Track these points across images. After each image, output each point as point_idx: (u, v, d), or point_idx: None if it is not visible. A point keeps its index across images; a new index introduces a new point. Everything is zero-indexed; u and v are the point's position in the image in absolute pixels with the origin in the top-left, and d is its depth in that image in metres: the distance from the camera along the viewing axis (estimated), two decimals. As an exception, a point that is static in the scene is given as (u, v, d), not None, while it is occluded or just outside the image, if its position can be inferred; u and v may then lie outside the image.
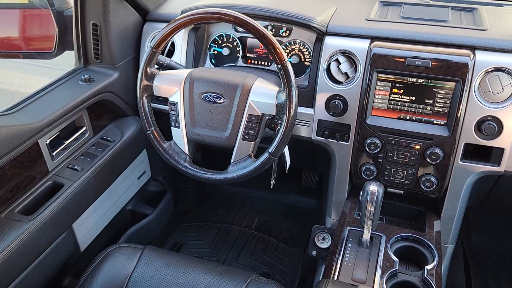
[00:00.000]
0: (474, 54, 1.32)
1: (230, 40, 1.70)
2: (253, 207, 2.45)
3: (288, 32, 1.61)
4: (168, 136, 1.45)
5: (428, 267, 1.29)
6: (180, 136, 1.41)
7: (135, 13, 1.69)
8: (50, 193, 1.46)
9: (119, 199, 1.90)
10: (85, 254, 1.70)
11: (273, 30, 1.62)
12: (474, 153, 1.42)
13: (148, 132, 1.42)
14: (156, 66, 1.42)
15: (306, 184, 2.40)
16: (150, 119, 1.41)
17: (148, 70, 1.37)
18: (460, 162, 1.41)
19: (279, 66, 1.24)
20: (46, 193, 1.45)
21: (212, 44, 1.73)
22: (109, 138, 1.68)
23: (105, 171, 1.60)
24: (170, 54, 1.69)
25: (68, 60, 1.75)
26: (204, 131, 1.37)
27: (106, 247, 1.42)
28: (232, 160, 1.38)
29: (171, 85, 1.38)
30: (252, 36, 1.54)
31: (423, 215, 1.57)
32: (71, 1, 1.59)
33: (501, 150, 1.35)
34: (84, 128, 1.62)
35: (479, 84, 1.32)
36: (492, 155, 1.38)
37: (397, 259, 1.32)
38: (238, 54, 1.70)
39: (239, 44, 1.69)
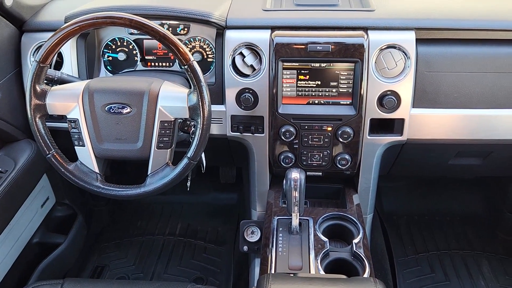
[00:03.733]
0: (367, 34, 1.39)
1: (125, 43, 1.59)
2: (173, 213, 2.36)
3: (186, 29, 1.55)
4: (72, 157, 1.31)
5: (355, 240, 1.35)
6: (86, 154, 1.29)
7: (9, 24, 1.49)
8: None
9: (23, 233, 1.69)
10: (-7, 304, 1.49)
11: (170, 29, 1.55)
12: (379, 126, 1.51)
13: (48, 155, 1.27)
14: (45, 82, 1.27)
15: (224, 180, 2.38)
16: (48, 142, 1.27)
17: (37, 87, 1.22)
18: (368, 137, 1.49)
19: (185, 67, 1.18)
20: None
21: (105, 50, 1.60)
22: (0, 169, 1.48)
23: (1, 206, 1.41)
24: (58, 66, 1.53)
25: None
26: (113, 145, 1.27)
27: None
28: (149, 172, 1.30)
29: (67, 101, 1.25)
30: (149, 37, 1.46)
31: (342, 192, 1.64)
32: None
33: (402, 120, 1.46)
34: (-33, 163, 1.41)
35: (375, 62, 1.40)
36: (395, 126, 1.48)
37: (326, 239, 1.37)
38: (135, 57, 1.60)
39: (136, 47, 1.59)
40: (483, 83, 1.43)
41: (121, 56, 1.59)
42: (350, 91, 1.43)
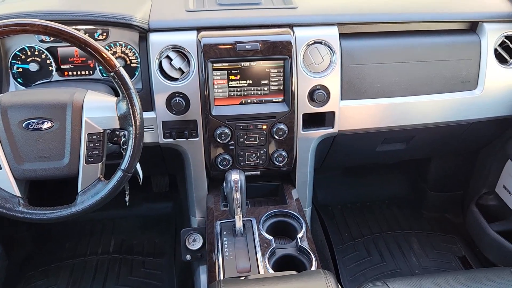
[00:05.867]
0: (293, 31, 1.41)
1: (36, 53, 1.45)
2: (105, 230, 2.22)
3: (105, 34, 1.45)
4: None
5: (299, 235, 1.36)
6: (4, 178, 1.16)
7: None
8: None
9: None
10: None
11: (87, 34, 1.44)
12: (311, 121, 1.54)
13: None
14: None
15: (157, 189, 2.29)
16: None
17: None
18: (302, 132, 1.52)
19: (111, 74, 1.11)
20: None
21: (14, 61, 1.45)
22: None
23: None
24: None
25: None
26: (36, 165, 1.16)
27: None
28: (79, 189, 1.20)
29: (-25, 120, 1.11)
30: (66, 45, 1.36)
31: (281, 188, 1.66)
32: None
33: (333, 113, 1.50)
34: None
35: (303, 58, 1.43)
36: (326, 119, 1.52)
37: (271, 237, 1.37)
38: (50, 67, 1.47)
39: (49, 56, 1.46)
40: (400, 73, 1.52)
41: (33, 67, 1.45)
42: (281, 88, 1.44)
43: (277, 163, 1.54)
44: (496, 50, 1.56)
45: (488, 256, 1.89)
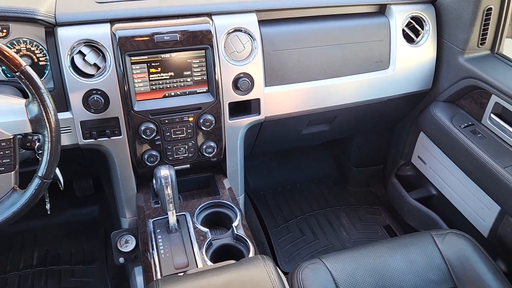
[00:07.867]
0: (212, 20, 1.39)
1: None
2: (25, 243, 2.06)
3: (5, 31, 1.31)
4: None
5: (235, 224, 1.37)
6: None
7: None
8: None
9: None
10: None
11: (-18, 32, 1.30)
12: (238, 109, 1.54)
13: None
14: None
15: (81, 193, 2.16)
16: None
17: None
18: (229, 121, 1.51)
19: (17, 74, 1.01)
20: None
21: None
22: None
23: None
24: None
25: None
26: None
27: None
28: (-9, 203, 1.09)
29: None
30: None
31: (212, 179, 1.64)
32: None
33: (258, 100, 1.51)
34: None
35: (224, 47, 1.41)
36: (252, 106, 1.53)
37: (207, 229, 1.36)
38: None
39: None
40: (320, 56, 1.57)
41: None
42: (204, 78, 1.42)
43: (207, 154, 1.52)
44: (403, 30, 1.66)
45: (410, 222, 2.04)
